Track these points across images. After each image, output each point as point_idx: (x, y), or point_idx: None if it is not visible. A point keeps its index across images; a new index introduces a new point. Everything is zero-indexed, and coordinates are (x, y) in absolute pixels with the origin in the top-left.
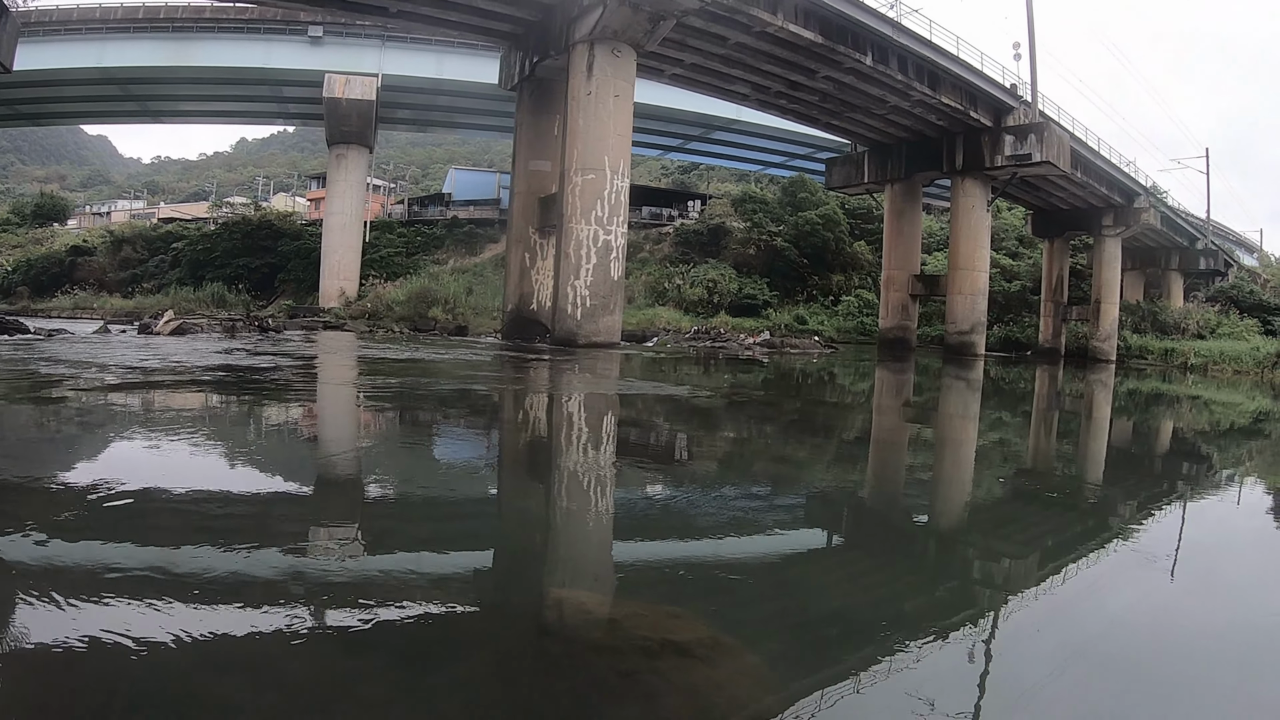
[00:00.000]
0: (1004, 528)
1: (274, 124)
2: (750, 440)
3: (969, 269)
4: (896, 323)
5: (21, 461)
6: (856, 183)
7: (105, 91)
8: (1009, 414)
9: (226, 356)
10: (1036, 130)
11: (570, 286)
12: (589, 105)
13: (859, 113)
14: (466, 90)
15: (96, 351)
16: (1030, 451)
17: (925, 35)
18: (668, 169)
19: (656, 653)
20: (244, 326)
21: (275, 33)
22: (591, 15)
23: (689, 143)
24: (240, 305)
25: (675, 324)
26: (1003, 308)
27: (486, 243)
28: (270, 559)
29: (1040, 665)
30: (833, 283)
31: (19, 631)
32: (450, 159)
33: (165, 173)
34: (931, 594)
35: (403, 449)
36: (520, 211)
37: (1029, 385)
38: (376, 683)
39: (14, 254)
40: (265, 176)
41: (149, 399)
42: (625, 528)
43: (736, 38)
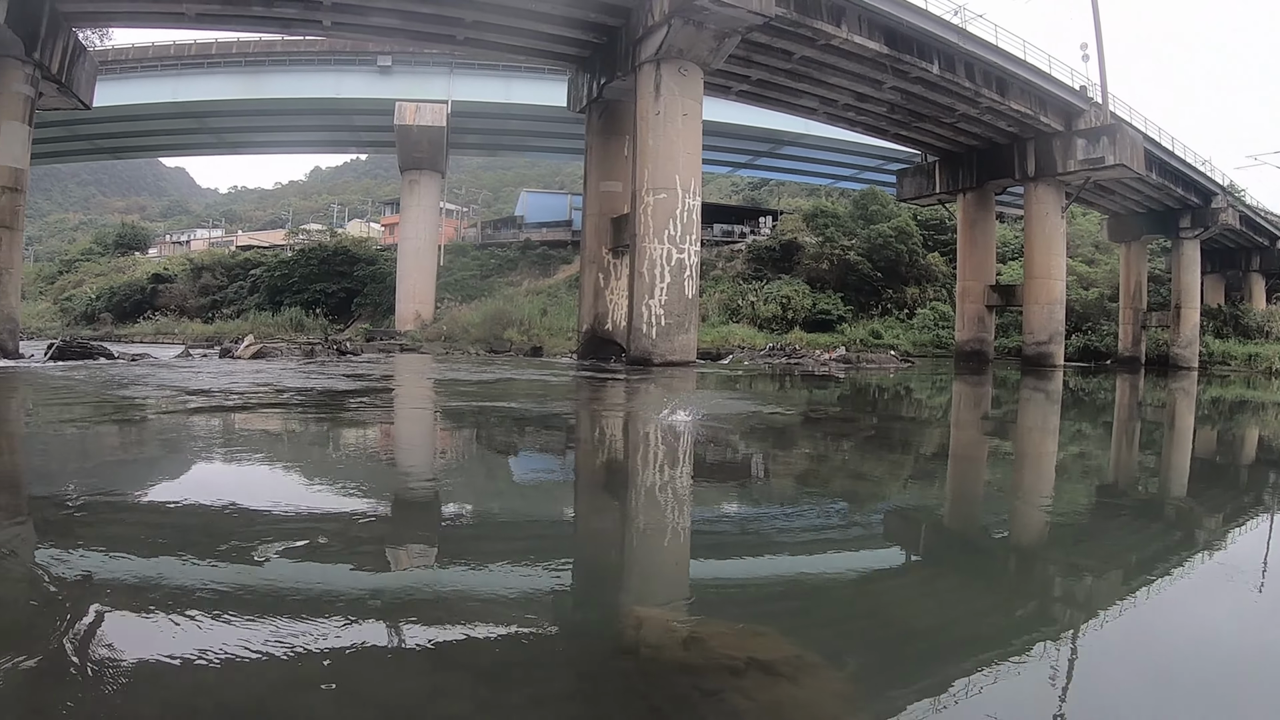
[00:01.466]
0: (1086, 543)
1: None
2: (828, 457)
3: (1045, 278)
4: (973, 335)
5: (110, 482)
6: (928, 193)
7: (182, 125)
8: (1089, 426)
9: (306, 379)
10: (1108, 132)
11: (645, 305)
12: (658, 125)
13: (928, 122)
14: (535, 114)
15: (179, 375)
16: (1112, 464)
17: (991, 40)
18: (738, 186)
19: (741, 671)
20: (322, 350)
21: (345, 64)
22: (657, 35)
23: (758, 159)
24: (318, 329)
25: (750, 341)
26: (1080, 316)
27: (560, 264)
28: (352, 577)
29: (1124, 686)
30: (907, 296)
31: (107, 647)
32: (521, 182)
33: (242, 202)
34: (1013, 611)
35: (481, 468)
36: (593, 232)
37: (1109, 395)
38: (459, 700)
39: (97, 282)
40: (340, 203)
41: (233, 421)
42: (705, 545)
43: (801, 51)
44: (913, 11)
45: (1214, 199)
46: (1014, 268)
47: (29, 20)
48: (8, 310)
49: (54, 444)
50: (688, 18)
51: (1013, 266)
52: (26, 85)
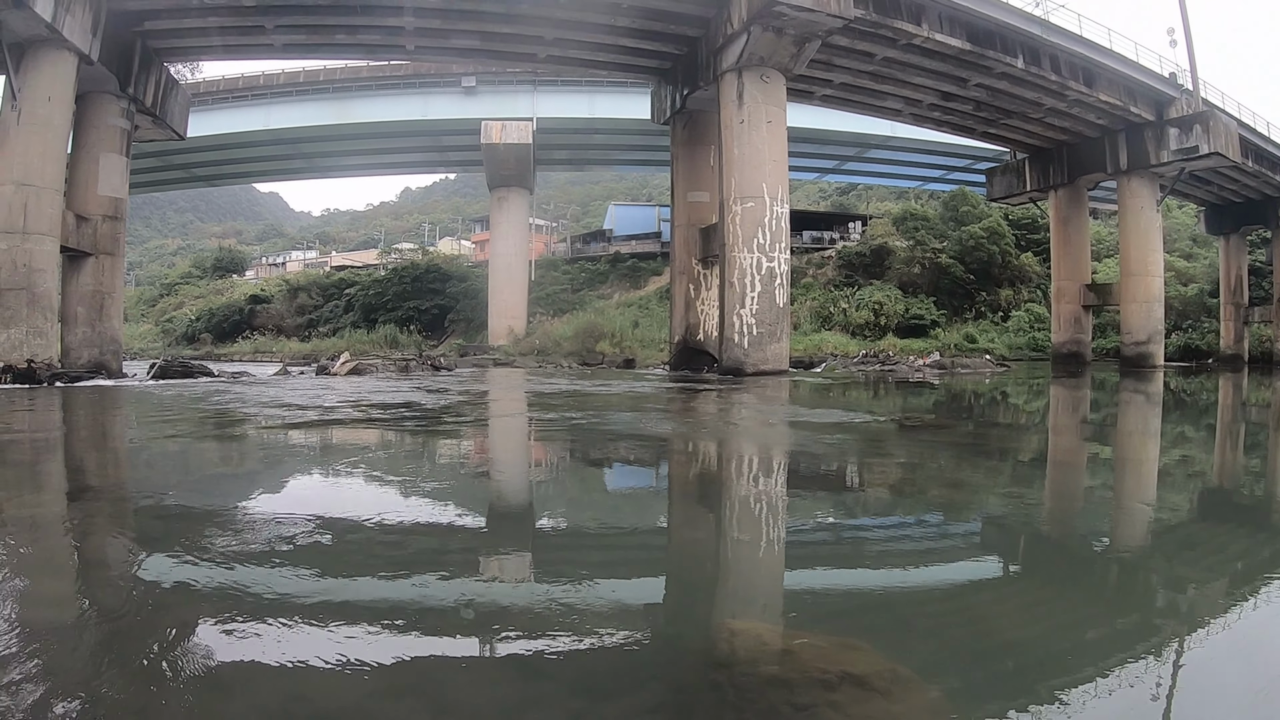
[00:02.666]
0: (1188, 552)
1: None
2: (922, 465)
3: (1141, 274)
4: (1070, 336)
5: (214, 495)
6: (1018, 192)
7: (273, 151)
8: (1191, 428)
9: (403, 394)
10: (1201, 120)
11: (736, 315)
12: (742, 133)
13: (1015, 118)
14: (619, 127)
15: (278, 393)
16: (1216, 469)
17: (1075, 31)
18: (825, 191)
19: (833, 685)
20: (417, 365)
21: (430, 85)
22: (737, 44)
23: (845, 163)
24: (412, 345)
25: (842, 348)
26: (1180, 314)
27: (649, 275)
28: (448, 588)
29: (1229, 701)
30: (1001, 298)
31: (207, 652)
32: (609, 195)
33: (335, 224)
34: (1113, 624)
35: (575, 479)
36: (681, 243)
37: (1212, 396)
38: (552, 710)
39: (197, 304)
40: (430, 222)
41: (330, 436)
42: (797, 557)
43: (883, 53)
44: (993, 5)
45: None
46: (1109, 265)
47: (121, 57)
48: (111, 332)
49: (158, 458)
50: (767, 24)
51: (1108, 264)
52: (122, 119)
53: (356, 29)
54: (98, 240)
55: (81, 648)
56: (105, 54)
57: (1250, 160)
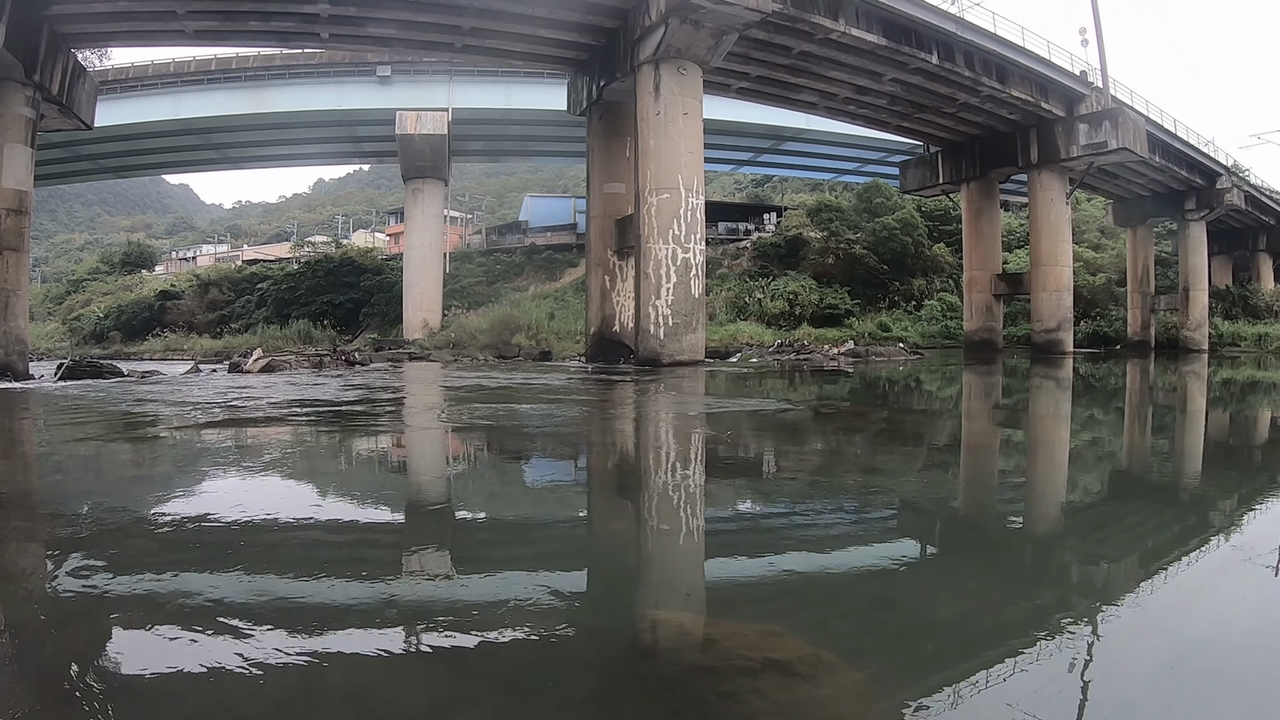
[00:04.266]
0: (1101, 530)
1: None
2: (839, 451)
3: (1051, 265)
4: (981, 324)
5: (122, 498)
6: (932, 184)
7: (184, 142)
8: (1101, 411)
9: (316, 390)
10: (1110, 116)
11: (651, 306)
12: (659, 125)
13: (929, 113)
14: (536, 118)
15: (190, 392)
16: (1125, 450)
17: (989, 29)
18: (741, 183)
19: (757, 672)
20: (331, 361)
21: (345, 75)
22: (654, 36)
23: (761, 155)
24: (326, 340)
25: (758, 338)
26: (1088, 302)
27: (565, 267)
28: (368, 587)
29: (1142, 674)
30: (914, 287)
31: (123, 661)
32: (525, 186)
33: (247, 216)
34: (1030, 602)
35: (493, 474)
36: (597, 235)
37: (1120, 380)
38: (478, 709)
39: (105, 301)
40: (344, 215)
41: (243, 435)
42: (718, 545)
43: (800, 46)
44: (909, 2)
45: (1218, 179)
46: (1020, 256)
47: (28, 43)
48: (16, 332)
49: (66, 462)
50: (684, 17)
51: (1019, 255)
52: (27, 108)
53: (270, 15)
54: (2, 235)
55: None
56: (10, 39)
57: (1157, 155)
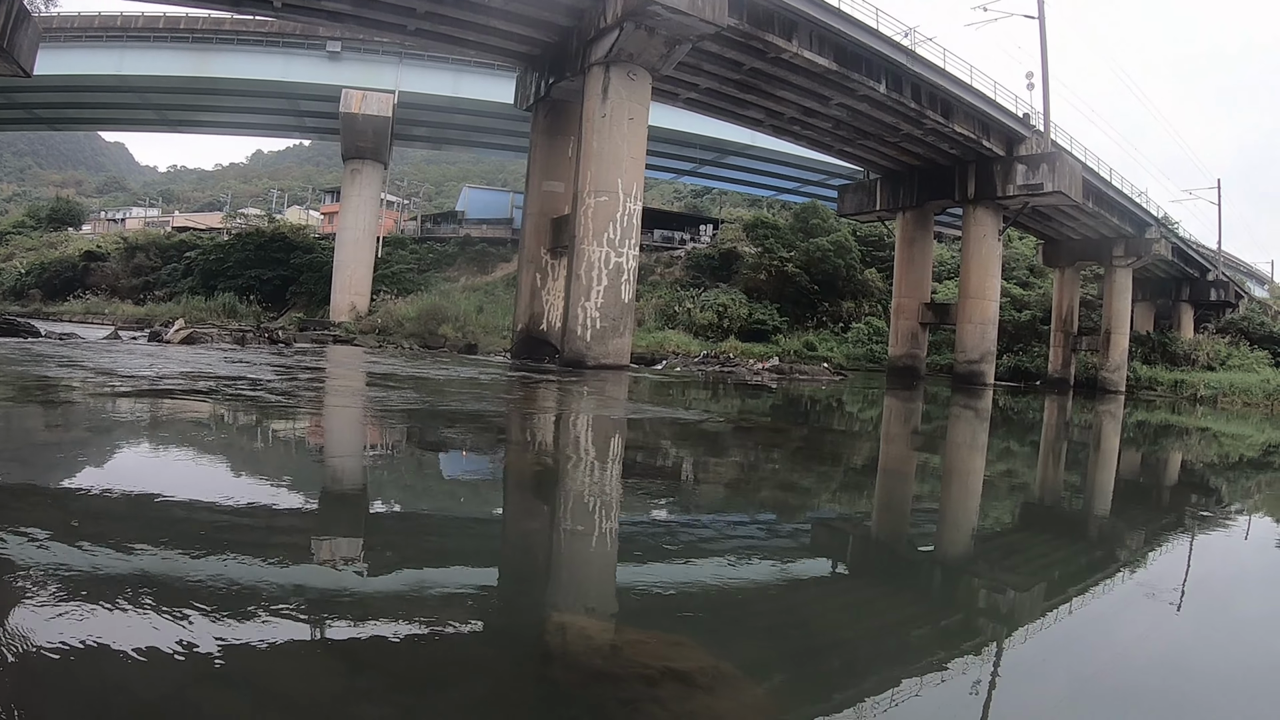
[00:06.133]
0: (1010, 558)
1: (290, 137)
2: (756, 466)
3: (979, 298)
4: (906, 351)
5: (26, 466)
6: (869, 210)
7: (124, 99)
8: (1017, 444)
9: (235, 367)
10: (1049, 160)
11: (580, 308)
12: (603, 127)
13: (872, 140)
14: (482, 109)
15: (105, 357)
16: (1037, 482)
17: (939, 64)
18: (680, 193)
19: (657, 680)
20: (254, 338)
21: (294, 47)
22: (608, 38)
23: (702, 166)
24: (251, 316)
25: (685, 348)
26: (1013, 337)
27: (498, 262)
28: (271, 573)
29: (1045, 699)
30: (843, 310)
31: (18, 635)
32: (464, 177)
33: (181, 182)
34: (936, 624)
35: (405, 466)
36: (532, 232)
37: (1037, 415)
38: (376, 703)
39: (28, 257)
40: (280, 189)
41: (156, 407)
42: (628, 553)
43: (751, 63)
44: (864, 31)
45: (1148, 229)
46: (949, 287)
47: None
48: None
49: None
50: (640, 22)
51: (948, 285)
52: None
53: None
54: None
55: None
56: None
57: (1091, 202)
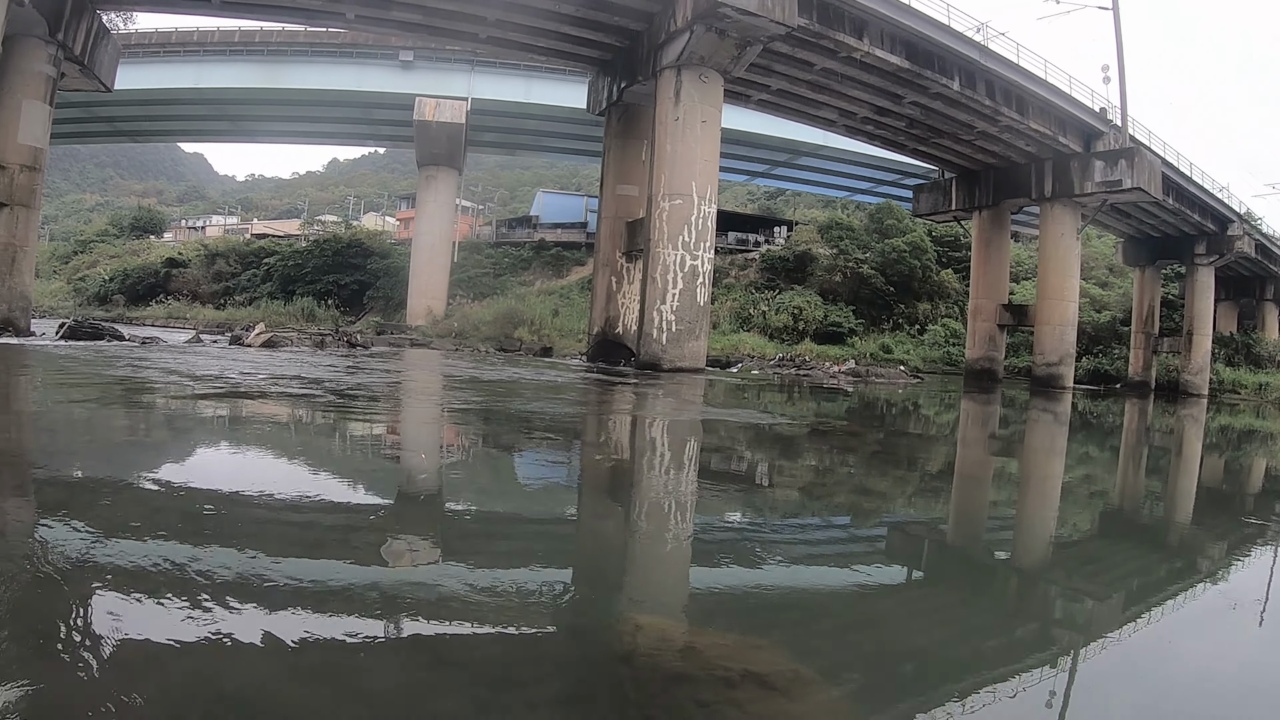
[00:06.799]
0: (1087, 567)
1: (365, 145)
2: (833, 470)
3: (1057, 299)
4: (983, 353)
5: (116, 465)
6: (944, 210)
7: (201, 111)
8: (1096, 449)
9: (317, 370)
10: (1127, 155)
11: (656, 311)
12: (676, 130)
13: (946, 139)
14: (554, 115)
15: (190, 361)
16: (1118, 489)
17: (1013, 59)
18: (754, 195)
19: (735, 683)
20: (332, 341)
21: (367, 57)
22: (678, 41)
23: (775, 168)
24: (329, 320)
25: (760, 350)
26: (1092, 339)
27: (573, 265)
28: (350, 571)
29: (1120, 712)
30: (919, 311)
31: (106, 629)
32: (538, 182)
33: (259, 190)
34: (1012, 633)
35: (485, 468)
36: (607, 235)
37: (1117, 419)
38: (455, 699)
39: (112, 264)
40: (356, 196)
41: (241, 408)
42: (705, 554)
43: (823, 63)
44: (935, 27)
45: (1230, 226)
46: (1027, 288)
47: (54, 1)
48: (21, 288)
49: (62, 424)
50: (710, 25)
51: (1026, 286)
52: (49, 65)
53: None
54: (14, 191)
55: None
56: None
57: (1170, 198)
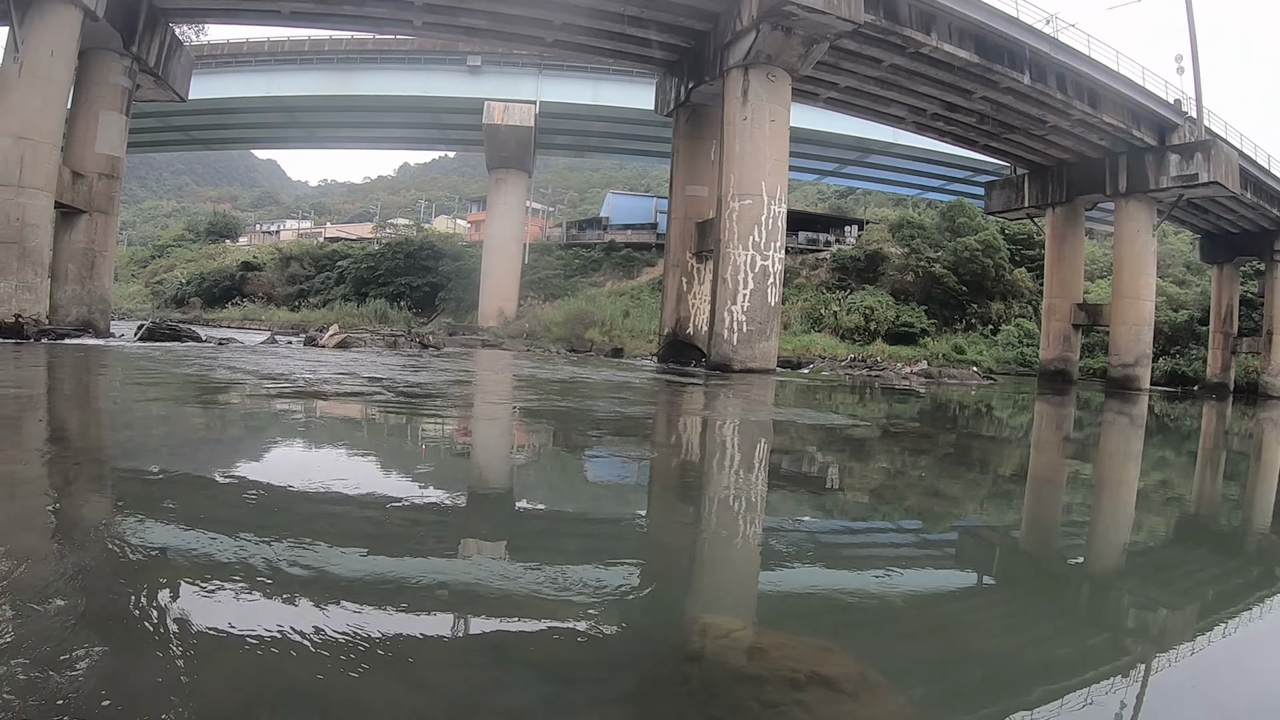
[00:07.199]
0: (1162, 575)
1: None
2: (904, 473)
3: (1133, 297)
4: (1058, 354)
5: (196, 460)
6: (1016, 207)
7: (274, 119)
8: (1173, 453)
9: (390, 369)
10: (1203, 148)
11: (726, 311)
12: (745, 130)
13: (1017, 134)
14: (622, 116)
15: (265, 361)
16: (1195, 496)
17: (1084, 51)
18: (824, 194)
19: (802, 684)
20: (405, 342)
21: (435, 63)
22: (745, 41)
23: (845, 167)
24: (402, 322)
25: (831, 351)
26: (1168, 339)
27: (643, 266)
28: (419, 566)
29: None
30: (992, 311)
31: (180, 620)
32: (607, 183)
33: (331, 195)
34: (1083, 642)
35: (555, 466)
36: (677, 236)
37: (1194, 423)
38: (519, 693)
39: (188, 268)
40: (427, 199)
41: (315, 407)
42: (774, 556)
43: (891, 59)
44: (1004, 20)
45: None
46: (1102, 286)
47: (127, 15)
48: (100, 291)
49: (140, 420)
50: (776, 23)
51: (1101, 285)
52: (124, 77)
53: (364, 1)
54: (93, 198)
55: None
56: (111, 11)
57: (1249, 192)
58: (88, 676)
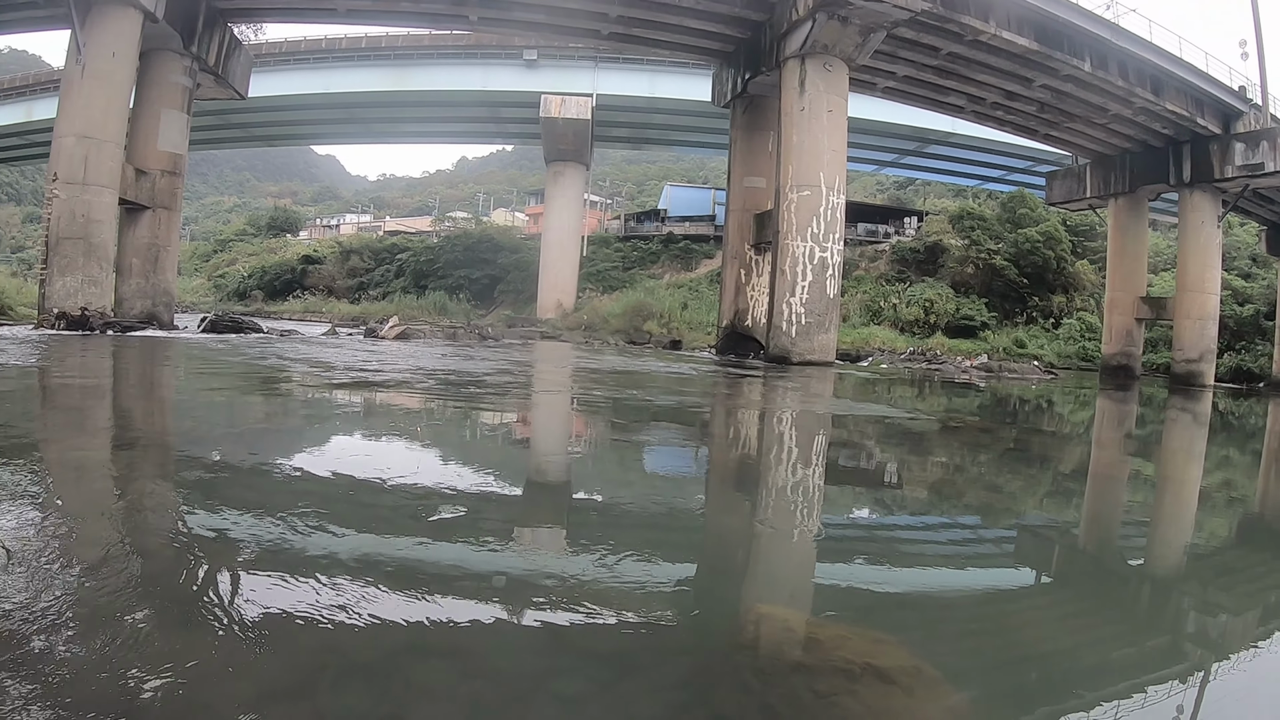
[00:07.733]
0: (1224, 578)
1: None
2: (963, 468)
3: (1198, 291)
4: (1120, 348)
5: (258, 449)
6: (1078, 197)
7: (332, 115)
8: (1237, 452)
9: (450, 360)
10: (1269, 136)
11: (785, 303)
12: (802, 121)
13: (1079, 122)
14: (679, 108)
15: (326, 352)
16: (1259, 497)
17: (1145, 37)
18: (883, 185)
19: (856, 676)
20: (464, 334)
21: (491, 57)
22: (801, 31)
23: (904, 157)
24: (461, 313)
25: (890, 344)
26: (1234, 334)
27: (701, 258)
28: (481, 554)
29: None
30: (1053, 304)
31: (243, 600)
32: (665, 175)
33: (390, 189)
34: (1141, 644)
35: (613, 457)
36: (735, 228)
37: (1260, 421)
38: (575, 679)
39: (250, 261)
40: (485, 193)
41: (376, 397)
42: (831, 548)
43: (949, 48)
44: (1064, 6)
45: None
46: (1166, 279)
47: (186, 16)
48: (164, 285)
49: (203, 409)
50: (832, 12)
51: (1164, 278)
52: (184, 76)
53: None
54: (156, 194)
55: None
56: (170, 12)
57: None
58: (156, 651)
